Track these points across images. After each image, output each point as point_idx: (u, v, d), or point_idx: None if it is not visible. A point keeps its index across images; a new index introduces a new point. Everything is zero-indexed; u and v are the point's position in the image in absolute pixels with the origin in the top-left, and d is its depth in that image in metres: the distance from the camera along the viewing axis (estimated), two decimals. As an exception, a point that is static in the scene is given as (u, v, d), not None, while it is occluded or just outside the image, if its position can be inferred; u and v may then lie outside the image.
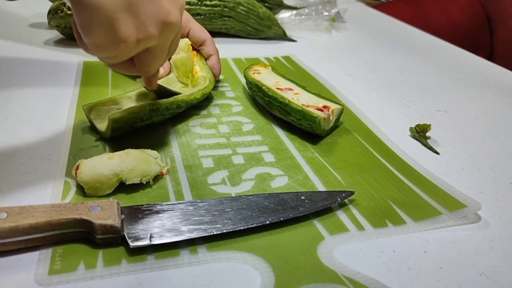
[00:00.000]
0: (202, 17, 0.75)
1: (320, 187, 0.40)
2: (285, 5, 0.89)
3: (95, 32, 0.32)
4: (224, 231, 0.33)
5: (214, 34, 0.71)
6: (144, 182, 0.38)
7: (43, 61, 0.64)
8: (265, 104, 0.52)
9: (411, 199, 0.39)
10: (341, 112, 0.50)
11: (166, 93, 0.49)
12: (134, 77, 0.60)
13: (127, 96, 0.49)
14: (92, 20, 0.32)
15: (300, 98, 0.49)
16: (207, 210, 0.35)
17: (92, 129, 0.46)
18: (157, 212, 0.34)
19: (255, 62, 0.64)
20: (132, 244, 0.31)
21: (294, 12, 0.90)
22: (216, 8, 0.76)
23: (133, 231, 0.32)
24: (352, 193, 0.39)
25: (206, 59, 0.58)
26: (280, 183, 0.41)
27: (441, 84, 0.66)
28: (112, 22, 0.32)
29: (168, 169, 0.41)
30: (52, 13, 0.68)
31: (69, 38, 0.72)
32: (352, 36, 0.88)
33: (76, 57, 0.66)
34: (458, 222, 0.37)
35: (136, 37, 0.34)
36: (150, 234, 0.32)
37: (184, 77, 0.54)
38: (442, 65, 0.74)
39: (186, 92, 0.51)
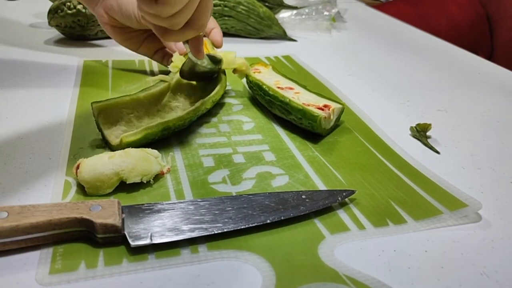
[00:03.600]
0: (202, 16, 0.75)
1: (321, 186, 0.40)
2: (286, 4, 0.89)
3: None
4: (225, 230, 0.33)
5: (215, 33, 0.71)
6: (145, 181, 0.38)
7: (43, 61, 0.64)
8: (266, 103, 0.52)
9: (412, 198, 0.39)
10: (341, 111, 0.50)
11: (200, 73, 0.51)
12: (134, 73, 0.60)
13: (138, 97, 0.47)
14: None
15: (300, 97, 0.49)
16: (208, 209, 0.35)
17: (98, 129, 0.45)
18: (158, 211, 0.34)
19: (255, 61, 0.64)
20: (133, 243, 0.31)
21: (295, 11, 0.90)
22: (216, 8, 0.76)
23: (134, 230, 0.32)
24: (352, 192, 0.39)
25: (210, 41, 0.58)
26: (280, 182, 0.41)
27: (441, 84, 0.66)
28: None
29: (168, 168, 0.41)
30: (52, 13, 0.68)
31: (69, 38, 0.72)
32: (353, 35, 0.88)
33: (76, 56, 0.66)
34: (459, 221, 0.37)
35: None
36: (151, 233, 0.32)
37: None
38: (442, 65, 0.74)
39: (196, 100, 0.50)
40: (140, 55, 0.61)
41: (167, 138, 0.46)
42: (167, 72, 0.54)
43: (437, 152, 0.47)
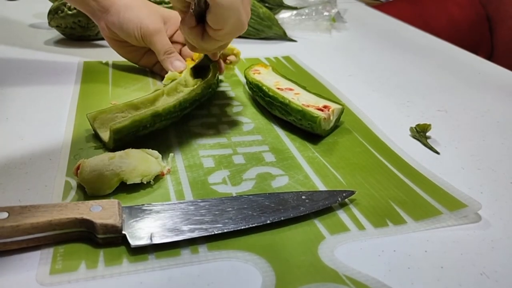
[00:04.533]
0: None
1: (321, 187, 0.40)
2: (285, 5, 0.89)
3: (229, 24, 0.41)
4: (225, 230, 0.33)
5: (215, 34, 0.71)
6: (145, 182, 0.38)
7: (43, 61, 0.64)
8: (266, 104, 0.52)
9: (412, 198, 0.39)
10: (341, 112, 0.50)
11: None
12: (134, 74, 0.60)
13: (133, 103, 0.47)
14: (228, 17, 0.40)
15: (300, 98, 0.49)
16: (208, 210, 0.35)
17: (96, 137, 0.45)
18: (158, 211, 0.34)
19: (255, 62, 0.64)
20: (133, 243, 0.31)
21: (294, 12, 0.90)
22: (216, 8, 0.76)
23: (134, 231, 0.32)
24: (352, 192, 0.39)
25: None
26: (280, 182, 0.41)
27: (441, 84, 0.66)
28: (240, 16, 0.41)
29: (168, 169, 0.41)
30: (52, 13, 0.68)
31: (69, 38, 0.72)
32: (352, 36, 0.88)
33: (76, 56, 0.66)
34: (459, 221, 0.37)
35: (247, 21, 0.43)
36: (151, 234, 0.32)
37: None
38: (442, 65, 0.74)
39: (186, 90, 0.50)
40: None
41: (167, 139, 0.46)
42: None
43: (437, 153, 0.47)
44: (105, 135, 0.44)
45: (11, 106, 0.51)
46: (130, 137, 0.43)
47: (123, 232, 0.32)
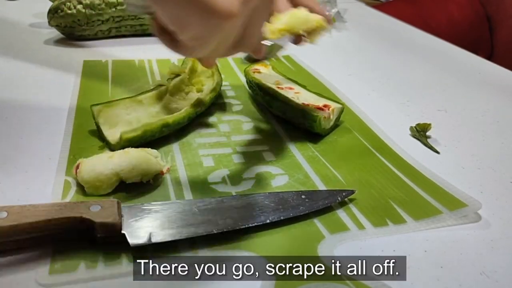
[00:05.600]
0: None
1: (321, 186, 0.40)
2: (285, 4, 0.89)
3: (190, 19, 0.23)
4: (225, 230, 0.33)
5: (214, 33, 0.71)
6: (144, 181, 0.38)
7: (43, 61, 0.64)
8: (266, 103, 0.52)
9: (412, 198, 0.39)
10: (341, 111, 0.50)
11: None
12: (134, 73, 0.60)
13: (137, 100, 0.47)
14: (181, 8, 0.23)
15: (300, 97, 0.49)
16: (208, 209, 0.35)
17: (98, 131, 0.45)
18: (157, 211, 0.34)
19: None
20: (133, 243, 0.31)
21: (294, 11, 0.90)
22: (216, 8, 0.75)
23: (133, 230, 0.32)
24: (352, 192, 0.39)
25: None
26: (280, 182, 0.41)
27: (441, 83, 0.66)
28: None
29: (168, 168, 0.41)
30: (52, 12, 0.68)
31: (69, 38, 0.72)
32: (352, 35, 0.88)
33: (76, 56, 0.66)
34: (459, 221, 0.37)
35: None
36: (150, 233, 0.32)
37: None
38: (442, 65, 0.74)
39: (192, 99, 0.50)
40: (139, 56, 0.60)
41: (167, 138, 0.46)
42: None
43: (437, 152, 0.47)
44: (109, 133, 0.44)
45: (11, 105, 0.51)
46: (137, 144, 0.42)
47: (123, 231, 0.32)
